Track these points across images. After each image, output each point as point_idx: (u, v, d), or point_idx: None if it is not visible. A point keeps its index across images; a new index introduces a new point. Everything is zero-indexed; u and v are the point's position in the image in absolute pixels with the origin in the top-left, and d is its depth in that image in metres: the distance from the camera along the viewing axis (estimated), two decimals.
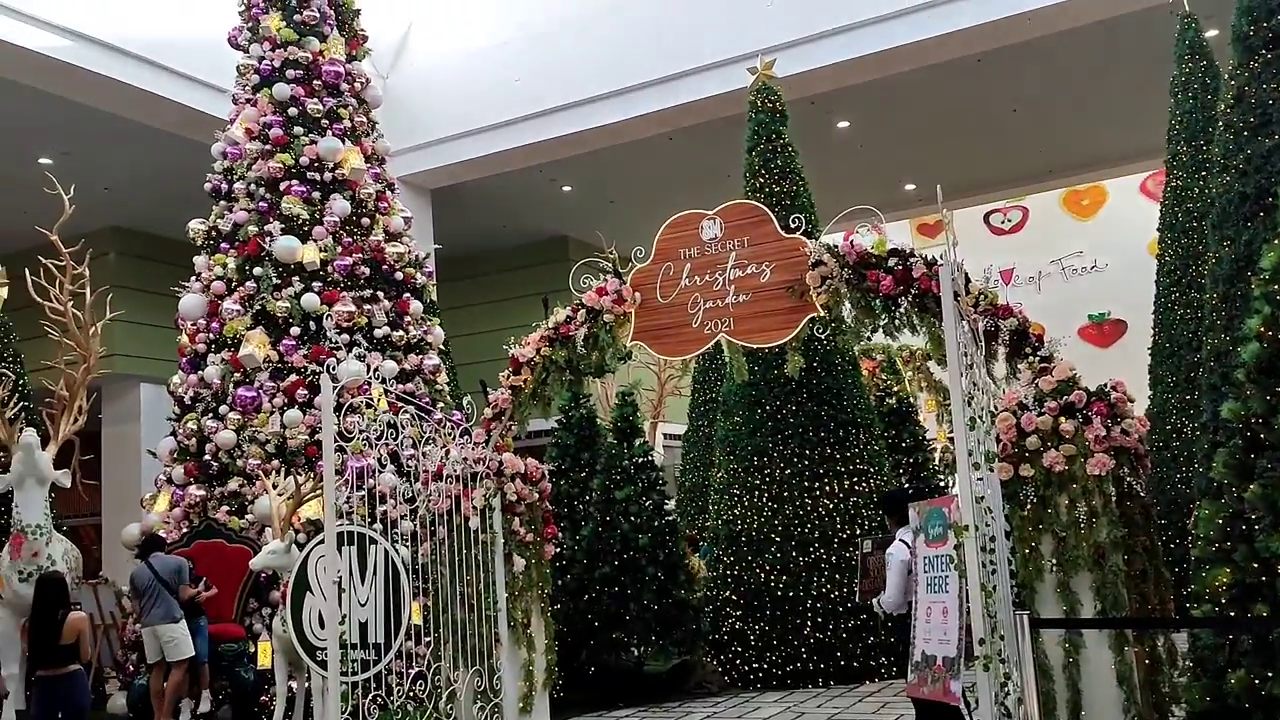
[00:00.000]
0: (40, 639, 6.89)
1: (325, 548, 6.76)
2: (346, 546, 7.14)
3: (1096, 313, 21.27)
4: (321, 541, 6.83)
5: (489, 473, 7.58)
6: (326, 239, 10.23)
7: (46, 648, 6.82)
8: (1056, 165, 18.18)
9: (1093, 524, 5.70)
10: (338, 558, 6.73)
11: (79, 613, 7.09)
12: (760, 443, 9.33)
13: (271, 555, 7.92)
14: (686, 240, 7.57)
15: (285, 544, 7.90)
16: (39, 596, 7.07)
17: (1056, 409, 5.90)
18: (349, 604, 6.88)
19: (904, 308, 6.81)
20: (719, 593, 9.29)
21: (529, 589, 7.62)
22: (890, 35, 12.94)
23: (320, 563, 7.03)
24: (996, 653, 4.89)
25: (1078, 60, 13.86)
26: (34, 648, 7.05)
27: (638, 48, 14.55)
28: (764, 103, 9.95)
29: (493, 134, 15.77)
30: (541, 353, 7.77)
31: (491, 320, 17.28)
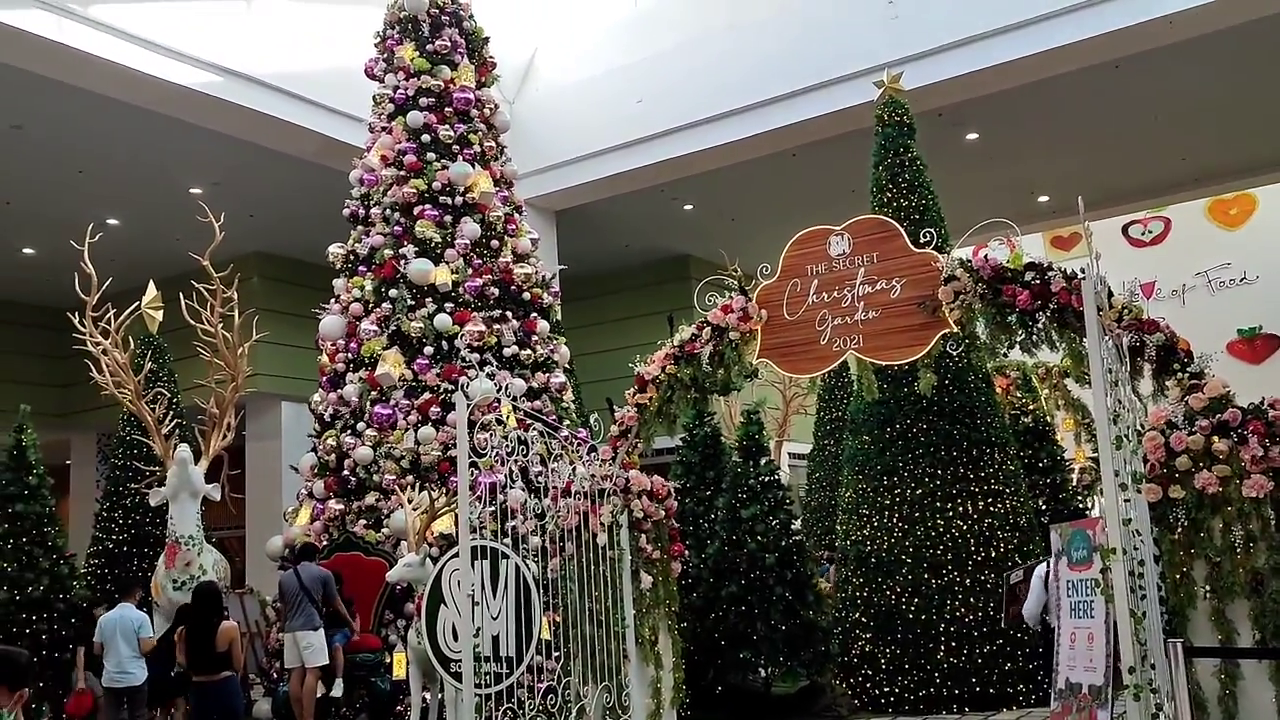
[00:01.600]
0: (196, 646, 7.24)
1: (459, 561, 6.92)
2: (479, 560, 7.29)
3: (1247, 327, 20.17)
4: (455, 555, 7.00)
5: (616, 489, 7.63)
6: (458, 261, 10.51)
7: (203, 655, 7.16)
8: (1201, 173, 17.36)
9: (1250, 549, 5.40)
10: (471, 571, 6.88)
11: (231, 622, 7.42)
12: (890, 462, 9.16)
13: (407, 568, 8.15)
14: (814, 256, 7.51)
15: (420, 557, 8.12)
16: (195, 605, 7.44)
17: (1209, 427, 5.63)
18: (482, 617, 7.01)
19: (1042, 323, 6.61)
20: (848, 614, 9.13)
21: (656, 606, 7.63)
22: (1018, 45, 12.60)
23: (454, 576, 7.20)
24: (1147, 682, 4.68)
25: (1221, 63, 13.24)
26: (191, 655, 7.41)
27: (758, 64, 14.53)
28: (891, 116, 9.82)
29: (615, 155, 15.97)
30: (667, 370, 7.80)
31: (616, 339, 17.45)
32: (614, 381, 8.08)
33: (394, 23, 11.54)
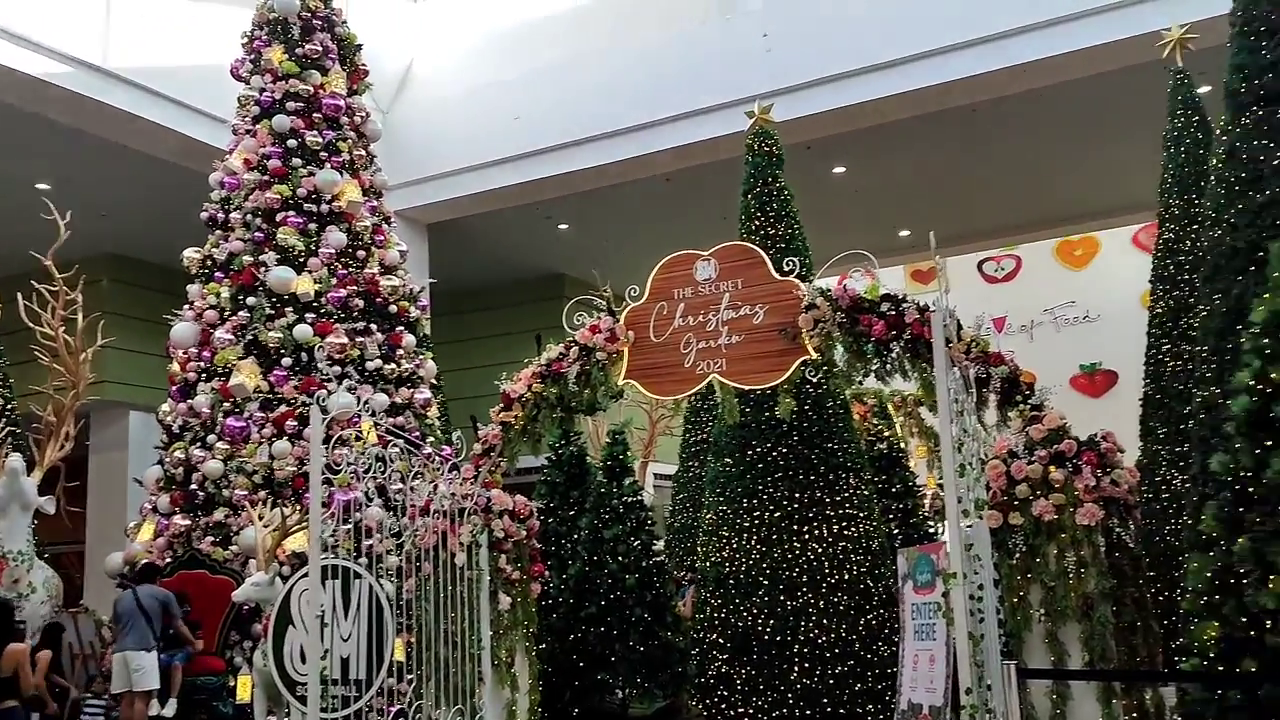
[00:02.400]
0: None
1: (309, 581, 6.70)
2: (330, 580, 7.08)
3: (1088, 363, 21.32)
4: (305, 575, 6.77)
5: (477, 509, 7.54)
6: (321, 270, 10.24)
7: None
8: (1049, 215, 18.30)
9: (1081, 574, 5.69)
10: (321, 591, 6.67)
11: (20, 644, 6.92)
12: (750, 485, 9.28)
13: (255, 587, 7.85)
14: (681, 280, 7.61)
15: (269, 576, 7.84)
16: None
17: (1047, 457, 5.91)
18: (332, 639, 6.81)
19: (896, 353, 6.85)
20: (706, 635, 9.20)
21: (514, 627, 7.56)
22: (885, 84, 13.09)
23: (303, 596, 6.97)
24: (983, 702, 4.85)
25: (1071, 112, 14.01)
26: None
27: (637, 90, 14.69)
28: (761, 146, 10.01)
29: (491, 170, 15.86)
30: (533, 389, 7.77)
31: (486, 356, 17.26)
32: (484, 399, 8.01)
33: (263, 24, 11.21)
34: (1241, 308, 5.69)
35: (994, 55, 12.53)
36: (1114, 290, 20.40)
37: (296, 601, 7.28)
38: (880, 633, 8.68)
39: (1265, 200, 6.03)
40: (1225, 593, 4.70)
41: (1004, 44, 12.46)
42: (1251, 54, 6.34)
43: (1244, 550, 4.64)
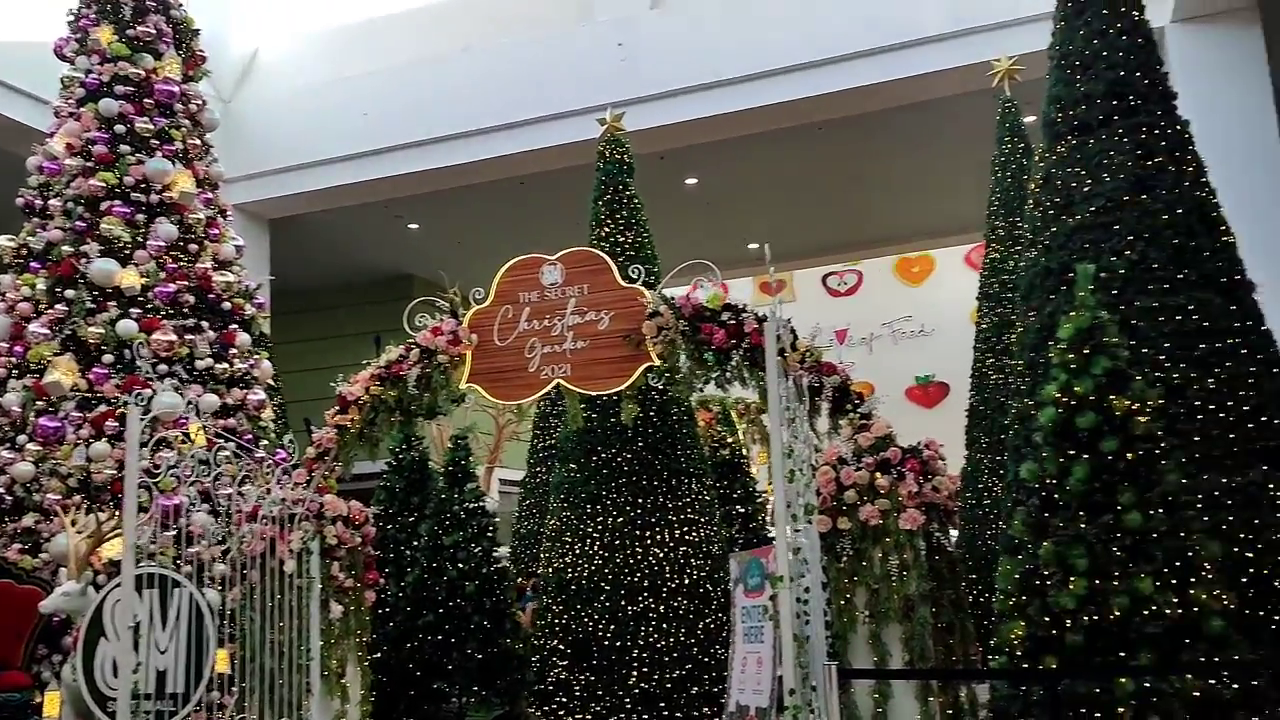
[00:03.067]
0: None
1: (123, 590, 6.36)
2: (147, 590, 6.74)
3: (922, 375, 22.29)
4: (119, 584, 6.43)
5: (309, 515, 7.29)
6: (149, 264, 9.72)
7: None
8: (890, 234, 19.08)
9: (903, 577, 5.90)
10: (136, 601, 6.34)
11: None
12: (594, 490, 9.30)
13: (65, 597, 7.37)
14: (527, 284, 7.57)
15: (81, 585, 7.38)
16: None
17: (873, 464, 6.12)
18: (147, 651, 6.48)
19: (735, 361, 6.98)
20: (546, 642, 9.16)
21: (346, 637, 7.33)
22: (737, 98, 13.39)
23: (117, 606, 6.61)
24: (806, 703, 4.98)
25: (911, 135, 14.63)
26: None
27: (491, 91, 14.59)
28: (612, 154, 10.07)
29: (338, 166, 15.46)
30: (371, 391, 7.59)
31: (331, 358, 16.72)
32: (327, 402, 7.77)
33: (91, 1, 10.58)
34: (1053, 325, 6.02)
35: (841, 76, 12.98)
36: (948, 306, 21.40)
37: (109, 612, 6.90)
38: (718, 636, 8.82)
39: (1076, 225, 6.43)
40: (1031, 594, 4.97)
41: (851, 65, 12.92)
42: (1067, 86, 6.76)
43: (1048, 554, 4.92)
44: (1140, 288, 6.12)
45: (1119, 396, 4.98)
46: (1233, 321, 6.07)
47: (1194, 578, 4.74)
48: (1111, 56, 6.58)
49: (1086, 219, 6.36)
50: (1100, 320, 5.15)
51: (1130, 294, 6.11)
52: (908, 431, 6.61)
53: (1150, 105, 6.52)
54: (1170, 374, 5.90)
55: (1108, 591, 4.71)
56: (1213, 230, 6.31)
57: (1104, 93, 6.52)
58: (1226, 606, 4.74)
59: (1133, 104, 6.48)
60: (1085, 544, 4.82)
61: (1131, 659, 4.60)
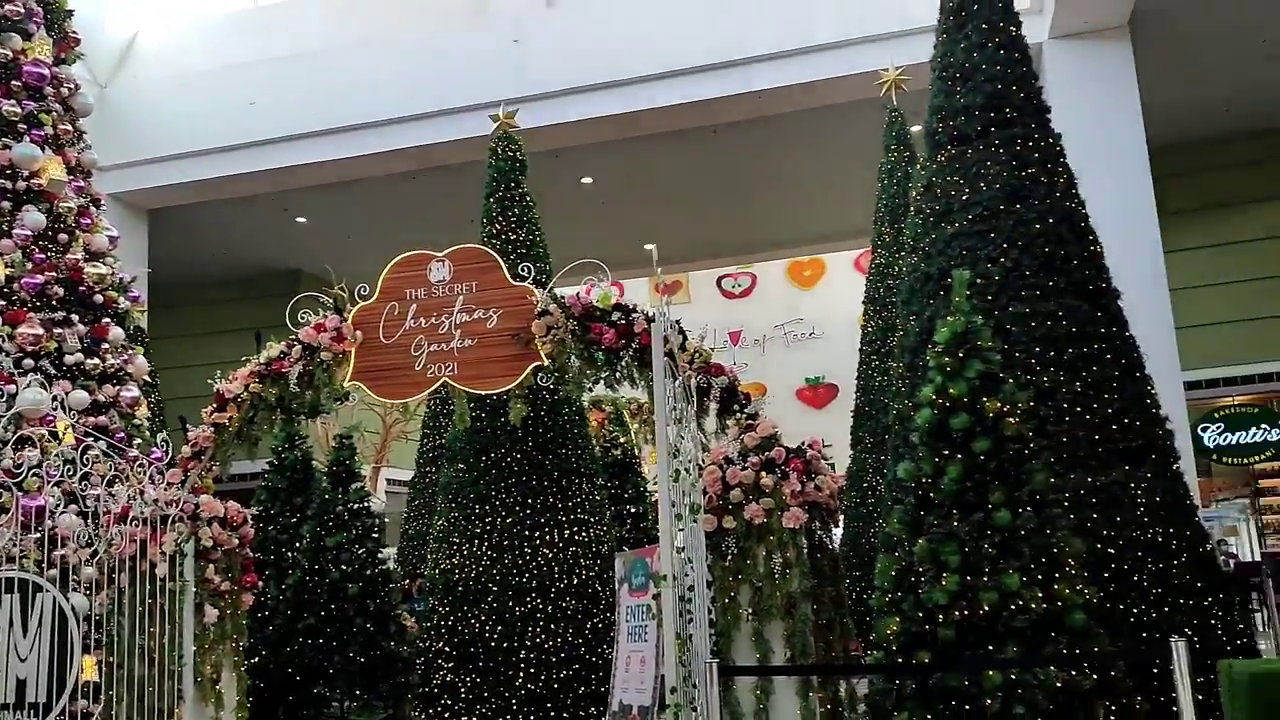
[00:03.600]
0: None
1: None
2: (7, 595, 6.42)
3: (813, 376, 22.73)
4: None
5: (183, 516, 7.05)
6: (15, 253, 9.25)
7: None
8: (782, 237, 19.38)
9: (786, 574, 5.99)
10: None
11: None
12: (483, 490, 9.21)
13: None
14: (414, 281, 7.45)
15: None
16: None
17: (759, 464, 6.19)
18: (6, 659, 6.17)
19: (625, 361, 6.99)
20: (432, 644, 9.04)
21: (221, 641, 7.13)
22: (633, 99, 13.41)
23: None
24: (688, 701, 5.01)
25: (803, 140, 14.89)
26: None
27: (384, 84, 14.32)
28: (504, 151, 9.99)
29: (222, 156, 14.98)
30: (250, 389, 7.37)
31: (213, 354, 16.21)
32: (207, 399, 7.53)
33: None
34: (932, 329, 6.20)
35: (735, 80, 13.11)
36: (838, 309, 21.86)
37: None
38: (606, 636, 8.82)
39: (954, 232, 6.63)
40: (906, 590, 5.10)
41: (744, 70, 13.07)
42: (948, 97, 6.96)
43: (923, 551, 5.06)
44: (1014, 294, 6.35)
45: (991, 399, 5.15)
46: (1099, 327, 6.35)
47: (1058, 573, 4.93)
48: (990, 70, 6.81)
49: (964, 227, 6.57)
50: (974, 325, 5.31)
51: (1004, 300, 6.34)
52: (798, 431, 6.73)
53: (1025, 118, 6.77)
54: (1040, 377, 6.14)
55: (978, 587, 4.86)
56: (1082, 239, 6.58)
57: (982, 105, 6.75)
58: (1089, 600, 4.94)
59: (1009, 116, 6.72)
60: (958, 541, 4.96)
61: (999, 652, 4.76)
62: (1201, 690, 5.33)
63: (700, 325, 6.93)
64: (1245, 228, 15.14)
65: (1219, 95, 13.96)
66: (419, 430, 14.25)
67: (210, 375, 7.72)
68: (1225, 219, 15.24)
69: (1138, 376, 6.37)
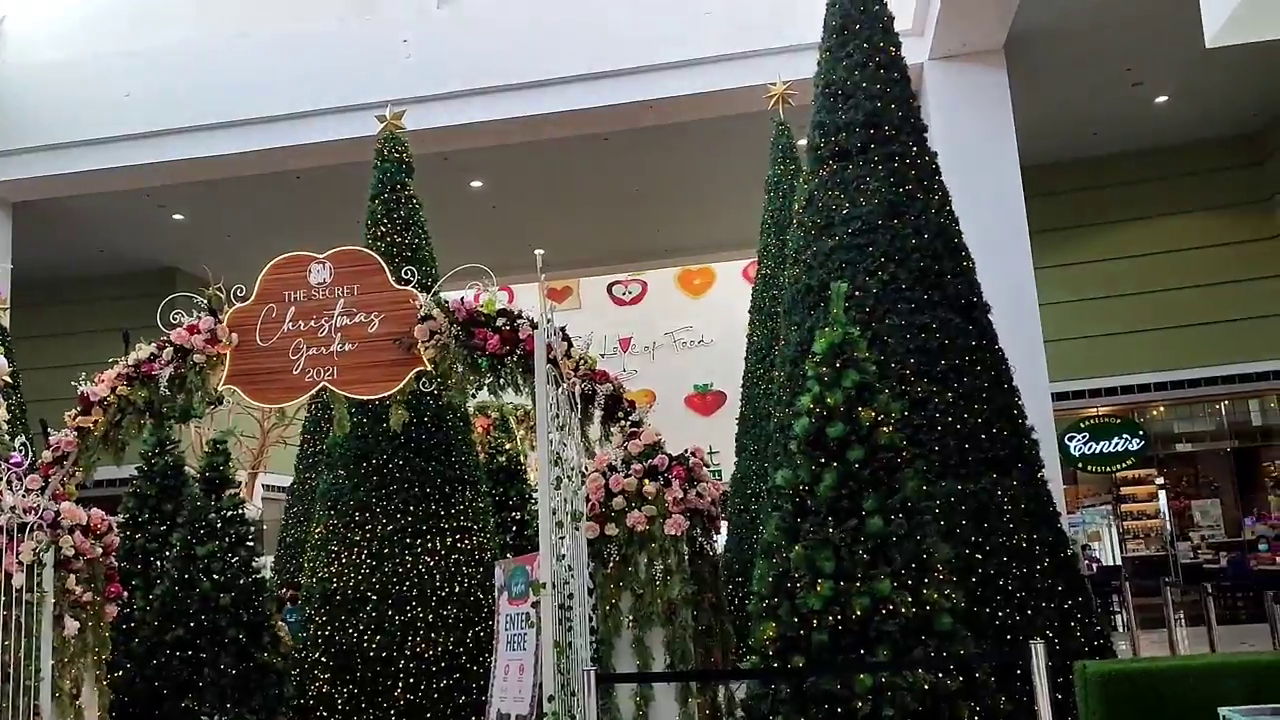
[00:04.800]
0: None
1: None
2: None
3: (701, 383, 22.97)
4: None
5: (42, 524, 6.73)
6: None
7: None
8: (672, 246, 19.55)
9: (667, 581, 6.04)
10: None
11: None
12: (363, 497, 9.02)
13: None
14: (293, 283, 7.27)
15: None
16: None
17: (642, 471, 6.23)
18: None
19: (509, 367, 6.95)
20: (308, 655, 8.80)
21: (83, 655, 6.82)
22: (521, 103, 13.36)
23: None
24: (567, 709, 5.00)
25: (694, 151, 15.06)
26: None
27: (268, 81, 13.93)
28: (390, 152, 9.81)
29: (94, 149, 14.35)
30: (118, 392, 7.08)
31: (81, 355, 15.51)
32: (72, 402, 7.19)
33: None
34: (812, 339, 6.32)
35: (625, 89, 13.17)
36: (726, 317, 22.11)
37: None
38: (487, 645, 8.72)
39: (834, 245, 6.79)
40: (782, 595, 5.19)
41: (634, 79, 13.14)
42: (830, 114, 7.13)
43: (799, 557, 5.16)
44: (890, 306, 6.53)
45: (866, 408, 5.30)
46: (970, 340, 6.57)
47: (927, 578, 5.09)
48: (870, 89, 7.00)
49: (844, 240, 6.73)
50: (851, 336, 5.45)
51: (881, 312, 6.52)
52: (686, 438, 6.80)
53: (904, 136, 6.97)
54: (914, 388, 6.32)
55: (851, 592, 4.98)
56: (955, 255, 6.81)
57: (862, 122, 6.93)
58: (955, 605, 5.11)
59: (888, 134, 6.91)
60: (832, 547, 5.08)
61: (871, 656, 4.89)
62: (1061, 690, 5.56)
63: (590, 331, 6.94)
64: (1111, 246, 15.93)
65: (1086, 118, 14.66)
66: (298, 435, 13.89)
67: (75, 377, 7.39)
68: (1093, 237, 16.01)
69: (1006, 388, 6.61)
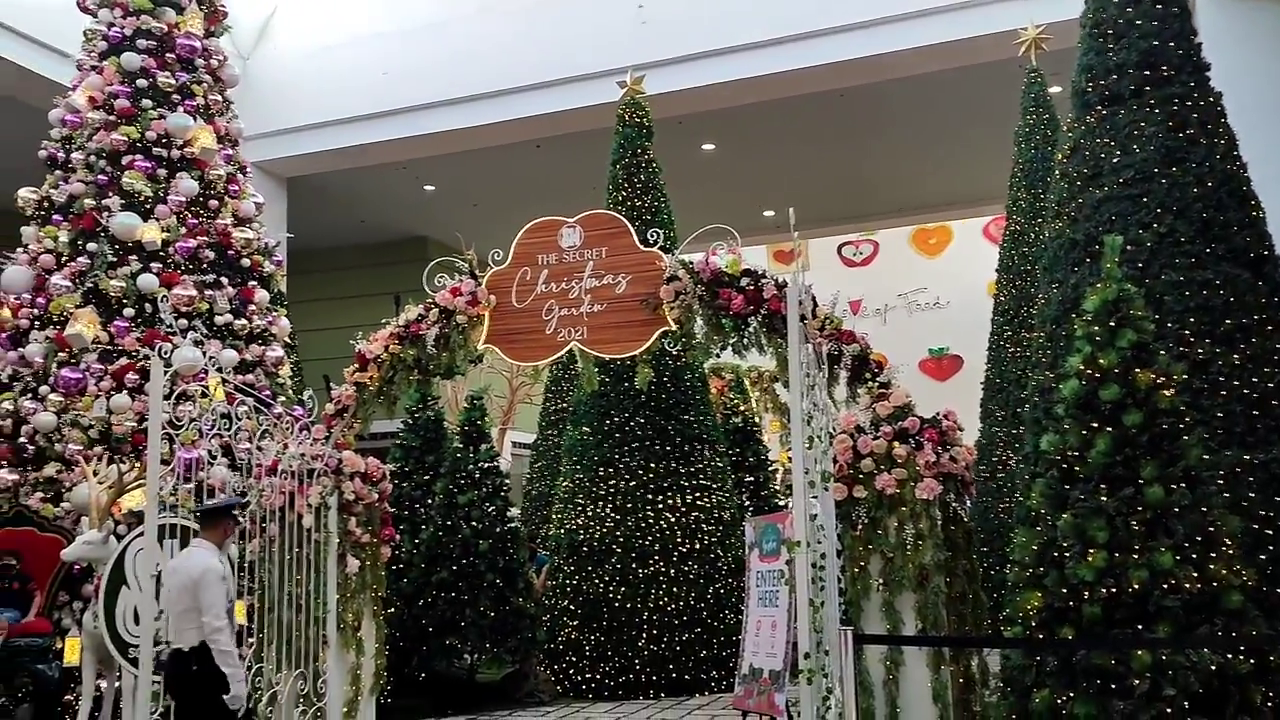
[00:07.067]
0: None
1: (145, 540, 6.42)
2: (168, 540, 6.81)
3: (936, 347, 22.20)
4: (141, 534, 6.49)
5: (327, 470, 7.34)
6: (170, 218, 9.74)
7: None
8: (907, 203, 18.93)
9: (919, 546, 5.90)
10: (158, 550, 6.40)
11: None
12: (607, 453, 9.34)
13: (87, 545, 7.45)
14: (545, 246, 7.53)
15: (103, 534, 7.46)
16: None
17: (891, 434, 6.10)
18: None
19: (753, 327, 6.94)
20: (557, 602, 9.24)
21: (362, 591, 7.41)
22: (756, 63, 13.24)
23: (139, 555, 6.68)
24: (820, 667, 5.00)
25: (932, 104, 14.48)
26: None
27: (507, 52, 14.48)
28: (631, 117, 10.01)
29: (356, 126, 15.41)
30: (390, 350, 7.59)
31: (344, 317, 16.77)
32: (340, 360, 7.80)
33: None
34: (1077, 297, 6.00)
35: (862, 42, 12.82)
36: (964, 278, 21.27)
37: (131, 561, 6.99)
38: (727, 601, 8.88)
39: (1103, 196, 6.37)
40: (1048, 565, 4.96)
41: (872, 32, 12.76)
42: (1099, 55, 6.66)
43: (1067, 526, 4.91)
44: (1168, 261, 6.07)
45: (1143, 370, 4.95)
46: (1259, 297, 6.03)
47: (1214, 553, 4.73)
48: (1145, 26, 6.49)
49: (1115, 190, 6.30)
50: (1127, 293, 5.10)
51: (1157, 268, 6.07)
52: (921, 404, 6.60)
53: (1183, 76, 6.43)
54: (1195, 349, 5.87)
55: (1126, 564, 4.70)
56: (1243, 205, 6.24)
57: (1136, 63, 6.44)
58: (1245, 582, 4.73)
59: (1165, 74, 6.40)
60: (1105, 516, 4.80)
61: (1149, 631, 4.61)
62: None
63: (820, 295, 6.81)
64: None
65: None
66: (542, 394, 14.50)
67: (344, 337, 7.96)
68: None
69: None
